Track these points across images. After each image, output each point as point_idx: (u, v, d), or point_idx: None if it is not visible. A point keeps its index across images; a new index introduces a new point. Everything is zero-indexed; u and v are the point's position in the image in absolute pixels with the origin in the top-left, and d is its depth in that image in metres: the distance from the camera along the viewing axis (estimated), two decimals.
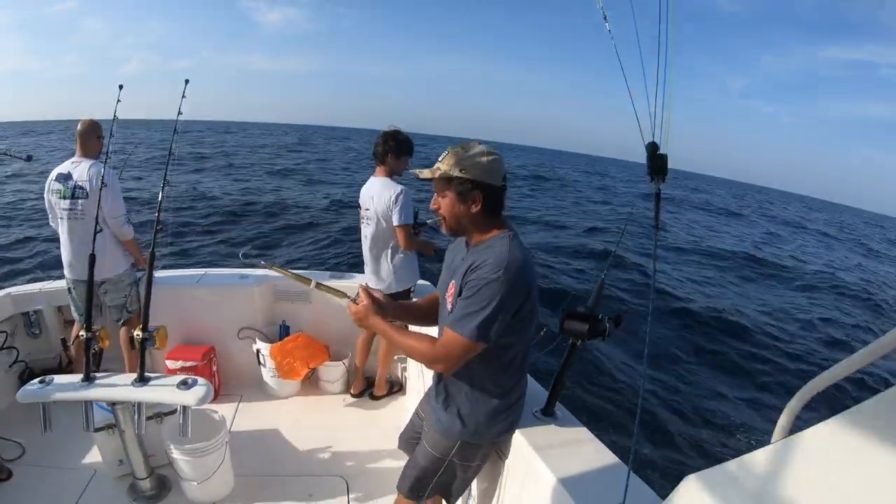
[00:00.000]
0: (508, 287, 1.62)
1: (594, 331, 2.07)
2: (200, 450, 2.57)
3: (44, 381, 2.38)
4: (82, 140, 3.39)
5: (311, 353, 3.74)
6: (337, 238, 11.87)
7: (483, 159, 1.70)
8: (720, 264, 14.62)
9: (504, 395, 1.90)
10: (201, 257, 9.84)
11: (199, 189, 17.24)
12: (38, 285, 3.81)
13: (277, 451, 3.23)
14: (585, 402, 5.48)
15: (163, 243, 2.73)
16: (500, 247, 1.70)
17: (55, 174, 3.34)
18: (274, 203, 15.89)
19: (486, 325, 1.63)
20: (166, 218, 2.79)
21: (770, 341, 8.50)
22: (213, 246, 10.68)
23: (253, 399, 3.80)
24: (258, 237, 11.87)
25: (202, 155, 29.34)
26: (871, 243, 32.06)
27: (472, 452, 1.99)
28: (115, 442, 2.62)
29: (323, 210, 15.39)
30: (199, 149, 33.54)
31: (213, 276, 4.00)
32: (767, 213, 42.09)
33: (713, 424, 5.67)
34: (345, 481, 2.95)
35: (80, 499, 2.69)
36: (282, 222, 13.50)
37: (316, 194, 18.56)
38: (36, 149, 27.83)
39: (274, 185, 20.55)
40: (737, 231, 24.32)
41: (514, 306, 1.66)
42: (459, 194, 1.73)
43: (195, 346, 3.76)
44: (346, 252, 10.56)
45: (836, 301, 12.62)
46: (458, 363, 1.71)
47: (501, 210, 1.80)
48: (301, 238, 12.01)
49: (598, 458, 1.96)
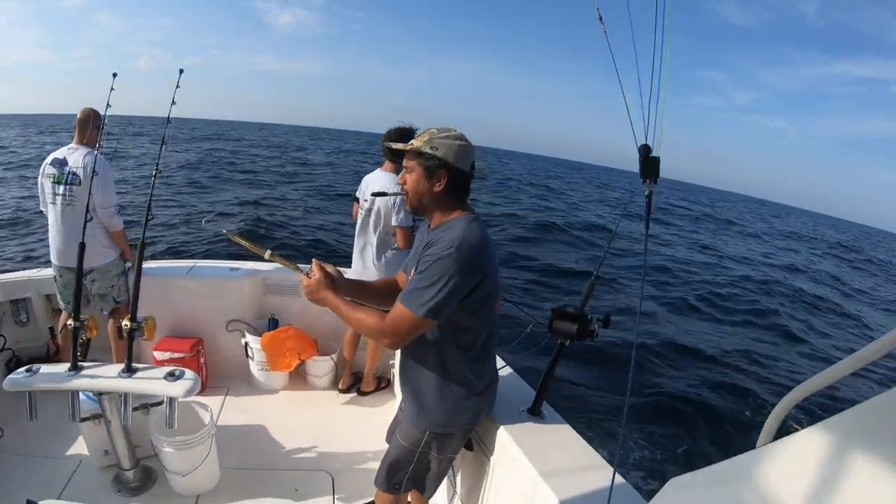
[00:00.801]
0: (460, 265, 1.64)
1: (583, 331, 2.08)
2: (186, 442, 2.56)
3: (30, 369, 2.36)
4: (80, 128, 3.39)
5: (301, 345, 3.74)
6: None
7: (454, 142, 1.76)
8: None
9: (469, 383, 1.90)
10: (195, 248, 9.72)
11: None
12: (26, 273, 3.78)
13: (264, 445, 3.23)
14: (573, 402, 5.51)
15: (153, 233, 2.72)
16: (458, 227, 1.73)
17: (51, 158, 3.34)
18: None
19: (434, 300, 1.64)
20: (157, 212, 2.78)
21: (758, 344, 8.57)
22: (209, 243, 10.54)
23: (240, 392, 3.79)
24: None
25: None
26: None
27: (442, 442, 1.99)
28: (100, 432, 2.61)
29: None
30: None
31: (203, 267, 3.98)
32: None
33: (699, 427, 5.71)
34: (331, 476, 2.95)
35: (65, 489, 2.67)
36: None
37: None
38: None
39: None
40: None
41: (466, 286, 1.68)
42: (426, 170, 1.78)
43: (183, 338, 3.74)
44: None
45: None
46: (405, 338, 1.73)
47: (465, 196, 1.85)
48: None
49: (584, 459, 1.97)
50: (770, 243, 27.92)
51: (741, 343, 8.70)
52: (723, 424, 5.82)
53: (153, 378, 2.40)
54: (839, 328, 11.69)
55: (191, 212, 12.89)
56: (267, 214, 13.20)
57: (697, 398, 6.33)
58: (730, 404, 6.33)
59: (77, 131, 3.40)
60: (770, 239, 30.46)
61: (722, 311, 10.63)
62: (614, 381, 6.02)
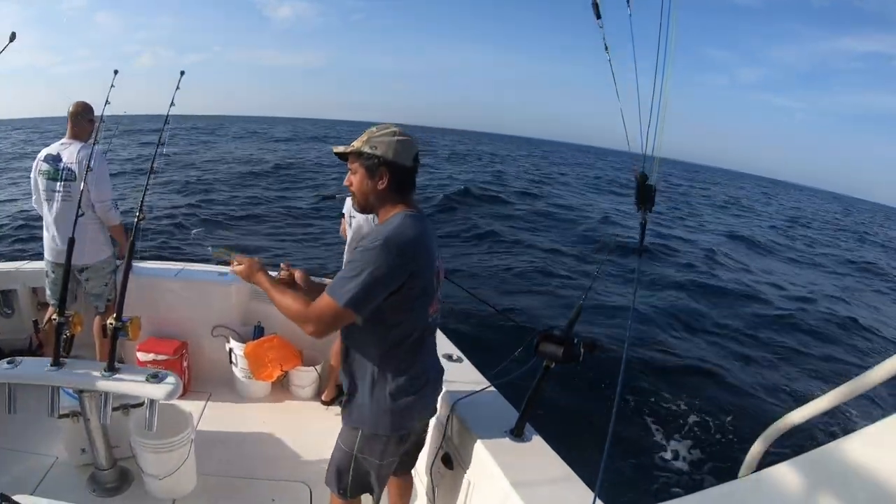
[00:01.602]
0: (385, 259, 1.66)
1: (568, 355, 2.09)
2: (165, 445, 2.54)
3: (12, 361, 2.35)
4: (73, 122, 3.36)
5: (285, 355, 3.71)
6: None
7: (392, 139, 1.80)
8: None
9: (400, 382, 1.88)
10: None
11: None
12: (14, 264, 3.76)
13: (243, 453, 3.20)
14: (556, 425, 5.46)
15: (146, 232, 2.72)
16: (393, 222, 1.77)
17: (44, 154, 3.31)
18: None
19: (356, 291, 1.66)
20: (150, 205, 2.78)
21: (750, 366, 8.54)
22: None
23: (222, 398, 3.76)
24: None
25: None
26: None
27: (374, 445, 1.95)
28: (79, 430, 2.58)
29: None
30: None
31: (191, 270, 3.97)
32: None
33: (682, 454, 5.69)
34: (308, 488, 2.93)
35: (40, 485, 2.64)
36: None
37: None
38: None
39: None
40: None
41: (393, 280, 1.70)
42: (368, 169, 1.82)
43: (168, 340, 3.71)
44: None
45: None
46: (327, 327, 1.75)
47: (409, 190, 1.89)
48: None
49: (565, 483, 1.97)
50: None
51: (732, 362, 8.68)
52: (707, 451, 5.81)
53: (135, 379, 2.38)
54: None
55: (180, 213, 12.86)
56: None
57: (685, 424, 6.32)
58: (718, 430, 6.32)
59: (70, 125, 3.37)
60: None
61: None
62: (600, 405, 5.99)
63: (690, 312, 10.76)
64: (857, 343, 10.60)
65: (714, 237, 20.09)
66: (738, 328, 10.34)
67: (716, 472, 5.32)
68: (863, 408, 7.06)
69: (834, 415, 7.05)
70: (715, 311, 11.21)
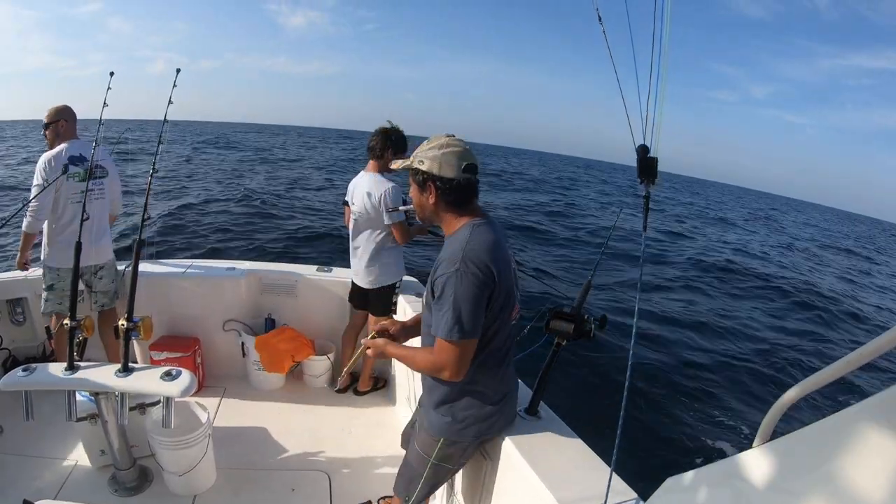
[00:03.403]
0: (468, 279, 1.64)
1: (579, 331, 2.09)
2: (183, 442, 2.56)
3: (27, 368, 2.36)
4: (74, 124, 3.37)
5: (297, 346, 3.73)
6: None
7: (437, 152, 1.73)
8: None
9: (486, 391, 1.89)
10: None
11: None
12: (23, 272, 3.77)
13: (260, 445, 3.22)
14: (569, 401, 5.47)
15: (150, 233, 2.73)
16: (460, 237, 1.73)
17: (67, 158, 3.20)
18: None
19: (460, 320, 1.64)
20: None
21: (757, 344, 8.55)
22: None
23: (237, 392, 3.79)
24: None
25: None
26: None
27: (454, 452, 1.98)
28: (97, 432, 2.60)
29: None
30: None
31: (199, 267, 3.97)
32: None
33: (696, 426, 5.71)
34: (327, 476, 2.95)
35: (62, 489, 2.67)
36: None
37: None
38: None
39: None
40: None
41: (482, 294, 1.67)
42: (418, 185, 1.79)
43: (180, 337, 3.74)
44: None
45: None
46: (459, 366, 1.72)
47: (468, 200, 1.80)
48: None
49: (581, 458, 1.97)
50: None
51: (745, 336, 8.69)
52: (721, 423, 5.83)
53: (150, 378, 2.40)
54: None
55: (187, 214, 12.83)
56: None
57: (697, 396, 6.32)
58: (731, 401, 6.33)
59: (76, 128, 3.37)
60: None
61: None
62: (612, 380, 6.00)
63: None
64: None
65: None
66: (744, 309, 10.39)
67: (732, 442, 5.34)
68: (876, 377, 7.08)
69: (849, 383, 7.07)
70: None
